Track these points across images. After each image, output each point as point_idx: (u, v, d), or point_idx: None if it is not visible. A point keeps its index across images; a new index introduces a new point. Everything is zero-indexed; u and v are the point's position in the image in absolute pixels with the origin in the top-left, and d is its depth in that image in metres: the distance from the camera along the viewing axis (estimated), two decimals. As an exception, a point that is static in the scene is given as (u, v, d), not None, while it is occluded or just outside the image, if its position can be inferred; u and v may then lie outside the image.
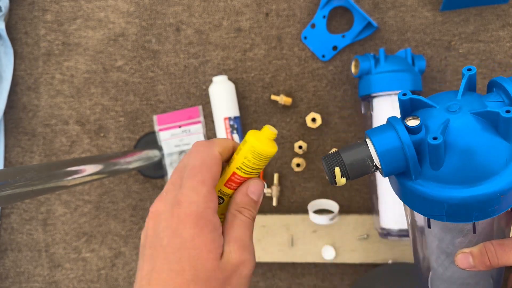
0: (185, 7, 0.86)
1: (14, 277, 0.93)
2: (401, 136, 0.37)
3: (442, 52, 0.82)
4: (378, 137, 0.38)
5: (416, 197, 0.38)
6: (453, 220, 0.37)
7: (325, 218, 0.77)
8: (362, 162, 0.38)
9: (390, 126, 0.38)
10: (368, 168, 0.38)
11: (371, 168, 0.38)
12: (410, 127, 0.37)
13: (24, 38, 0.90)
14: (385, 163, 0.37)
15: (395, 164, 0.37)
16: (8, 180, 0.49)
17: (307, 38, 0.83)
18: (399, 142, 0.37)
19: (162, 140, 0.87)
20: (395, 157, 0.37)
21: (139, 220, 0.89)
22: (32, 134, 0.91)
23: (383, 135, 0.38)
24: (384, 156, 0.37)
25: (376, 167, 0.38)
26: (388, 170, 0.38)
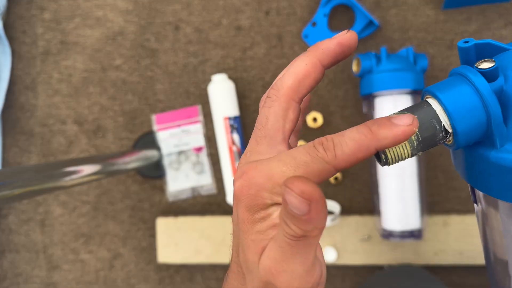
0: (184, 5, 0.86)
1: (12, 279, 0.92)
2: (477, 84, 0.28)
3: (444, 51, 0.81)
4: (447, 92, 0.28)
5: (503, 174, 0.28)
6: None
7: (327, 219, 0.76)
8: (431, 129, 0.28)
9: (459, 76, 0.29)
10: (437, 138, 0.28)
11: (441, 138, 0.29)
12: (484, 70, 0.28)
13: (22, 37, 0.90)
14: (460, 125, 0.28)
15: (472, 126, 0.28)
16: (5, 181, 0.48)
17: (308, 36, 0.83)
18: (476, 93, 0.28)
19: (161, 140, 0.86)
20: (472, 116, 0.28)
21: (138, 221, 0.88)
22: (30, 134, 0.90)
23: (453, 88, 0.28)
24: (458, 116, 0.28)
25: (445, 135, 0.29)
26: (464, 135, 0.28)
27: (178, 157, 0.86)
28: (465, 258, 0.79)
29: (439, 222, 0.79)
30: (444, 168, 0.82)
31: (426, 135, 0.28)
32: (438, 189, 0.82)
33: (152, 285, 0.89)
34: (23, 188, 0.50)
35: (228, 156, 0.81)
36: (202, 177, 0.86)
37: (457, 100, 0.28)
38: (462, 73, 0.29)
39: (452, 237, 0.79)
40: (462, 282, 0.83)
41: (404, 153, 0.28)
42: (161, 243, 0.85)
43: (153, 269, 0.89)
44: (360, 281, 0.83)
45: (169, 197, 0.87)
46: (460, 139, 0.28)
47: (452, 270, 0.83)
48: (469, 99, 0.28)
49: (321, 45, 0.31)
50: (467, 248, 0.79)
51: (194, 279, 0.88)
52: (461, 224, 0.79)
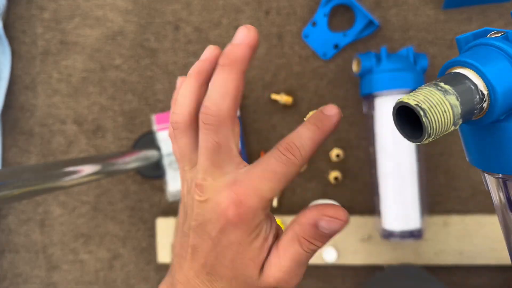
0: (184, 5, 0.86)
1: (11, 279, 0.92)
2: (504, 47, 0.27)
3: (445, 50, 0.81)
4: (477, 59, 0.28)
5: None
6: None
7: None
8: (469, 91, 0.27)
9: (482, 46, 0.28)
10: (475, 100, 0.27)
11: (478, 101, 0.27)
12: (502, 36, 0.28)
13: (22, 36, 0.90)
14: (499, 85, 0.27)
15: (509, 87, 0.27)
16: (5, 181, 0.48)
17: (308, 36, 0.82)
18: (505, 57, 0.27)
19: (160, 140, 0.86)
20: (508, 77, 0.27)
21: (137, 221, 0.88)
22: (29, 134, 0.90)
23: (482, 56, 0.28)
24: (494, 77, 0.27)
25: (483, 99, 0.27)
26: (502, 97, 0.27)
27: (178, 157, 0.86)
28: (465, 258, 0.79)
29: (439, 222, 0.79)
30: (444, 168, 0.82)
31: (466, 98, 0.27)
32: (438, 189, 0.82)
33: (152, 285, 0.89)
34: (23, 188, 0.50)
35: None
36: (202, 177, 0.86)
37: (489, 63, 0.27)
38: (485, 42, 0.28)
39: (453, 237, 0.79)
40: (463, 283, 0.83)
41: (448, 118, 0.26)
42: (161, 243, 0.85)
43: (153, 269, 0.88)
44: (360, 281, 0.83)
45: (169, 197, 0.87)
46: (498, 101, 0.27)
47: (452, 270, 0.83)
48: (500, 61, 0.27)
49: (237, 55, 0.32)
50: (467, 248, 0.79)
51: (194, 279, 0.88)
52: (461, 224, 0.79)
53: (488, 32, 0.30)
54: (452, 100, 0.26)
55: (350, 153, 0.83)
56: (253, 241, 0.31)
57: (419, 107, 0.25)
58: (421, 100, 0.25)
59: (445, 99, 0.26)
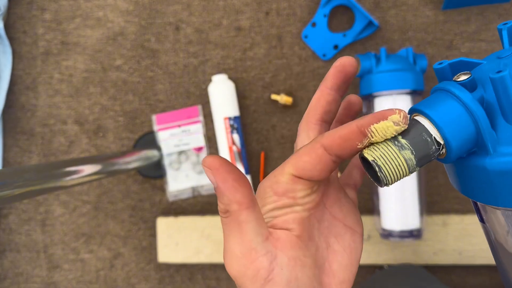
0: (185, 6, 0.86)
1: (12, 278, 0.92)
2: (460, 95, 0.29)
3: (444, 51, 0.81)
4: (433, 107, 0.29)
5: (504, 178, 0.28)
6: None
7: None
8: (424, 144, 0.29)
9: (442, 92, 0.30)
10: (430, 151, 0.29)
11: (434, 151, 0.29)
12: (463, 82, 0.29)
13: (23, 37, 0.90)
14: (451, 135, 0.29)
15: (463, 135, 0.29)
16: (6, 180, 0.48)
17: (307, 37, 0.83)
18: (460, 104, 0.29)
19: (161, 140, 0.86)
20: (461, 126, 0.29)
21: (138, 221, 0.88)
22: (30, 134, 0.90)
23: (438, 103, 0.29)
24: (448, 127, 0.29)
25: (438, 147, 0.29)
26: (456, 145, 0.29)
27: (179, 157, 0.86)
28: (464, 258, 0.79)
29: (438, 222, 0.79)
30: (443, 168, 0.82)
31: (421, 150, 0.29)
32: (438, 189, 0.82)
33: (152, 284, 0.89)
34: (24, 188, 0.50)
35: (228, 156, 0.81)
36: (202, 177, 0.86)
37: (444, 113, 0.29)
38: (445, 88, 0.30)
39: (452, 237, 0.79)
40: (462, 282, 0.83)
41: (402, 170, 0.29)
42: (161, 242, 0.85)
43: (153, 268, 0.89)
44: (360, 280, 0.83)
45: (170, 197, 0.87)
46: (453, 150, 0.29)
47: (451, 269, 0.83)
48: (455, 110, 0.29)
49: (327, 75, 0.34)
50: (466, 248, 0.79)
51: (194, 278, 0.88)
52: (460, 224, 0.79)
53: (464, 62, 0.31)
54: (407, 155, 0.28)
55: (349, 153, 0.83)
56: None
57: (375, 163, 0.28)
58: (377, 156, 0.28)
59: (400, 155, 0.28)
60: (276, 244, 0.30)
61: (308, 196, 0.31)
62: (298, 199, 0.31)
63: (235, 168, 0.29)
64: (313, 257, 0.31)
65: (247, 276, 0.29)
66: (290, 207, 0.31)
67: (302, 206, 0.31)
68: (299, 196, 0.31)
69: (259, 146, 0.85)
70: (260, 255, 0.29)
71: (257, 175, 0.85)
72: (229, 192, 0.28)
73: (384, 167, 0.29)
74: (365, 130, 0.28)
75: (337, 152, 0.29)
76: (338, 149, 0.29)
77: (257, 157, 0.85)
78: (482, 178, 0.29)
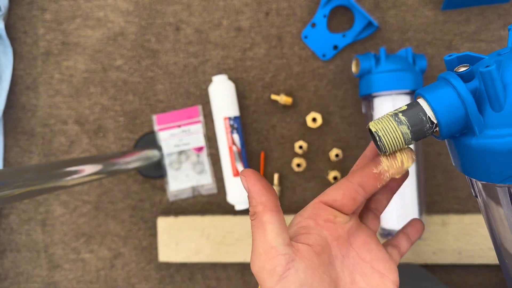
0: (185, 6, 0.86)
1: (13, 278, 0.92)
2: (455, 83, 0.34)
3: (443, 51, 0.81)
4: (431, 92, 0.35)
5: (487, 157, 0.33)
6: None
7: None
8: (419, 121, 0.35)
9: (442, 80, 0.36)
10: (425, 128, 0.35)
11: (428, 128, 0.35)
12: (461, 73, 0.34)
13: (23, 37, 0.90)
14: (443, 116, 0.34)
15: (453, 118, 0.34)
16: (6, 180, 0.48)
17: (307, 37, 0.83)
18: (454, 91, 0.34)
19: (161, 140, 0.86)
20: (452, 109, 0.34)
21: (138, 221, 0.89)
22: (31, 134, 0.90)
23: (437, 89, 0.35)
24: (440, 109, 0.34)
25: (433, 127, 0.35)
26: (446, 125, 0.34)
27: (179, 157, 0.87)
28: (464, 258, 0.80)
29: (438, 222, 0.80)
30: (443, 168, 0.82)
31: (416, 126, 0.35)
32: (437, 189, 0.83)
33: (152, 284, 0.89)
34: (24, 188, 0.50)
35: (228, 156, 0.81)
36: (203, 177, 0.86)
37: (439, 97, 0.34)
38: (445, 77, 0.35)
39: (451, 237, 0.79)
40: (461, 282, 0.83)
41: (399, 141, 0.35)
42: (161, 242, 0.85)
43: (153, 268, 0.89)
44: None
45: (170, 197, 0.87)
46: (444, 129, 0.34)
47: (451, 269, 0.83)
48: (449, 96, 0.34)
49: None
50: (466, 247, 0.79)
51: (195, 278, 0.88)
52: (460, 224, 0.79)
53: (469, 56, 0.36)
54: (403, 130, 0.35)
55: (349, 153, 0.84)
56: None
57: (376, 134, 0.36)
58: (379, 128, 0.36)
59: (398, 128, 0.35)
60: (296, 252, 0.33)
61: (330, 223, 0.36)
62: (321, 223, 0.35)
63: (264, 179, 0.35)
64: (332, 280, 0.34)
65: (266, 270, 0.32)
66: (313, 229, 0.35)
67: (325, 232, 0.35)
68: (322, 219, 0.36)
69: (259, 146, 0.86)
70: (279, 253, 0.32)
71: (257, 175, 0.85)
72: (256, 195, 0.34)
73: (384, 138, 0.35)
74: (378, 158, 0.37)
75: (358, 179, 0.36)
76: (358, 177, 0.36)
77: (257, 157, 0.86)
78: (469, 156, 0.35)
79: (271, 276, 0.32)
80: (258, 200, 0.34)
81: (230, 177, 0.82)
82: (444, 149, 0.82)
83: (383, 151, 0.36)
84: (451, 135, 0.35)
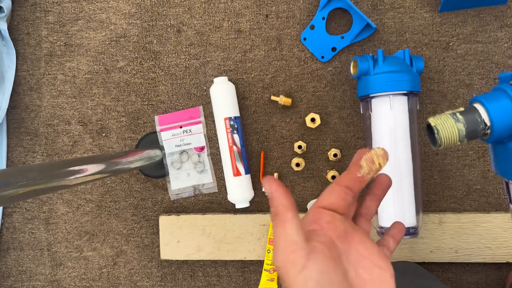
0: (186, 8, 0.87)
1: (16, 276, 0.93)
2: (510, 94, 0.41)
3: (441, 53, 0.82)
4: (489, 99, 0.41)
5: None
6: None
7: None
8: (475, 123, 0.41)
9: (499, 90, 0.42)
10: (478, 129, 0.41)
11: (481, 129, 0.41)
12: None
13: (26, 39, 0.91)
14: (497, 119, 0.41)
15: (506, 125, 0.41)
16: (10, 180, 0.49)
17: (306, 39, 0.84)
18: (509, 100, 0.41)
19: (163, 140, 0.87)
20: (506, 117, 0.41)
21: (141, 219, 0.90)
22: (34, 134, 0.91)
23: (495, 97, 0.41)
24: (495, 114, 0.40)
25: (485, 129, 0.41)
26: (499, 131, 0.41)
27: (180, 157, 0.88)
28: (460, 256, 0.80)
29: (435, 220, 0.81)
30: (439, 168, 0.83)
31: (471, 126, 0.41)
32: (434, 188, 0.84)
33: (154, 281, 0.90)
34: (28, 187, 0.51)
35: (228, 156, 0.82)
36: (204, 176, 0.87)
37: (497, 105, 0.41)
38: (502, 88, 0.41)
39: (448, 235, 0.80)
40: (458, 279, 0.84)
41: (454, 137, 0.41)
42: (163, 240, 0.86)
43: (155, 266, 0.90)
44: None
45: (171, 196, 0.88)
46: (495, 132, 0.40)
47: (448, 267, 0.84)
48: (505, 104, 0.41)
49: None
50: (462, 246, 0.80)
51: (196, 275, 0.89)
52: (456, 223, 0.80)
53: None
54: (460, 127, 0.41)
55: (347, 153, 0.85)
56: None
57: (435, 128, 0.41)
58: (438, 123, 0.41)
59: (455, 126, 0.41)
60: (313, 247, 0.37)
61: (332, 224, 0.40)
62: (324, 225, 0.40)
63: (283, 185, 0.42)
64: (343, 272, 0.39)
65: (289, 262, 0.36)
66: (319, 231, 0.40)
67: (328, 232, 0.40)
68: (324, 222, 0.40)
69: (259, 146, 0.87)
70: (299, 247, 0.37)
71: (257, 174, 0.86)
72: (279, 197, 0.39)
73: (441, 132, 0.41)
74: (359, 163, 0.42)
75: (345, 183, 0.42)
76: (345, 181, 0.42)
77: (257, 156, 0.87)
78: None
79: (294, 266, 0.36)
80: (280, 202, 0.39)
81: (231, 176, 0.83)
82: (442, 150, 0.83)
83: (438, 144, 0.41)
84: (499, 140, 0.41)
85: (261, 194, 0.87)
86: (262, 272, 0.85)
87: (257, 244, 0.84)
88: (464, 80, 0.82)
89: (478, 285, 0.85)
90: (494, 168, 0.45)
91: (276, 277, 0.85)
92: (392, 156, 0.74)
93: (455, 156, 0.83)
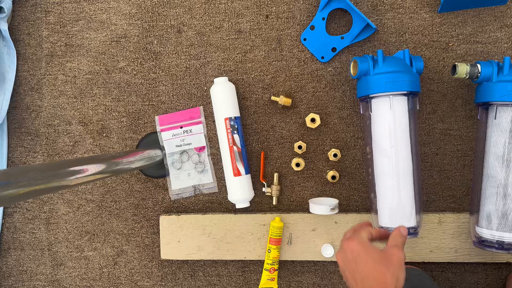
0: (186, 9, 0.87)
1: (17, 276, 0.94)
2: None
3: (440, 53, 0.82)
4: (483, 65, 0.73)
5: None
6: None
7: (326, 208, 0.78)
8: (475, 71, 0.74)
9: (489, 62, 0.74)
10: (475, 74, 0.74)
11: (475, 75, 0.74)
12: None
13: (27, 39, 0.91)
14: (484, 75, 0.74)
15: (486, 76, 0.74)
16: (11, 180, 0.49)
17: (306, 39, 0.84)
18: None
19: (163, 140, 0.88)
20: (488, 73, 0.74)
21: (141, 219, 0.90)
22: (35, 134, 0.91)
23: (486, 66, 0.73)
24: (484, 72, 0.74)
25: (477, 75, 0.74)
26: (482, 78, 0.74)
27: (181, 157, 0.88)
28: (460, 256, 0.81)
29: (434, 220, 0.81)
30: (439, 168, 0.83)
31: (472, 70, 0.73)
32: (434, 189, 0.84)
33: (155, 281, 0.90)
34: (28, 187, 0.51)
35: (229, 156, 0.82)
36: (204, 176, 0.88)
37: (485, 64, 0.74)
38: (490, 62, 0.74)
39: (447, 235, 0.81)
40: (458, 279, 0.85)
41: (464, 72, 0.73)
42: (164, 240, 0.87)
43: (156, 265, 0.90)
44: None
45: (172, 196, 0.88)
46: (481, 77, 0.73)
47: (447, 267, 0.84)
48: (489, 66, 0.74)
49: None
50: (462, 245, 0.80)
51: (196, 275, 0.89)
52: (456, 222, 0.80)
53: None
54: (468, 68, 0.73)
55: (347, 153, 0.85)
56: None
57: (457, 65, 0.73)
58: (459, 64, 0.73)
59: (466, 67, 0.73)
60: None
61: None
62: None
63: None
64: None
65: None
66: None
67: None
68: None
69: (259, 146, 0.87)
70: None
71: (257, 174, 0.87)
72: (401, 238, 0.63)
73: (459, 67, 0.73)
74: None
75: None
76: None
77: (257, 156, 0.87)
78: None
79: None
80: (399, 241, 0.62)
81: (231, 177, 0.83)
82: (440, 150, 0.83)
83: (455, 72, 0.74)
84: (481, 81, 0.74)
85: (261, 194, 0.87)
86: (262, 271, 0.85)
87: (257, 244, 0.85)
88: (464, 80, 0.82)
89: (478, 285, 0.85)
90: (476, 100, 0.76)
91: (276, 277, 0.85)
92: (391, 156, 0.74)
93: (454, 156, 0.83)
